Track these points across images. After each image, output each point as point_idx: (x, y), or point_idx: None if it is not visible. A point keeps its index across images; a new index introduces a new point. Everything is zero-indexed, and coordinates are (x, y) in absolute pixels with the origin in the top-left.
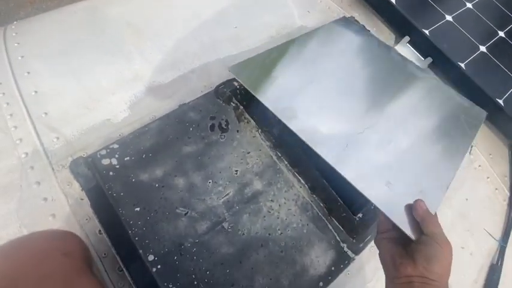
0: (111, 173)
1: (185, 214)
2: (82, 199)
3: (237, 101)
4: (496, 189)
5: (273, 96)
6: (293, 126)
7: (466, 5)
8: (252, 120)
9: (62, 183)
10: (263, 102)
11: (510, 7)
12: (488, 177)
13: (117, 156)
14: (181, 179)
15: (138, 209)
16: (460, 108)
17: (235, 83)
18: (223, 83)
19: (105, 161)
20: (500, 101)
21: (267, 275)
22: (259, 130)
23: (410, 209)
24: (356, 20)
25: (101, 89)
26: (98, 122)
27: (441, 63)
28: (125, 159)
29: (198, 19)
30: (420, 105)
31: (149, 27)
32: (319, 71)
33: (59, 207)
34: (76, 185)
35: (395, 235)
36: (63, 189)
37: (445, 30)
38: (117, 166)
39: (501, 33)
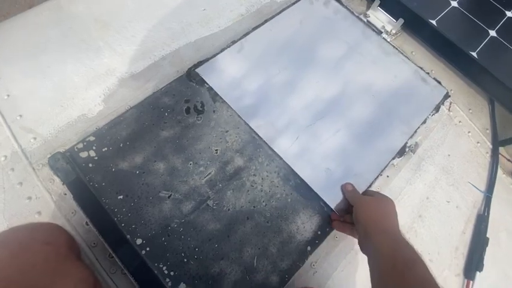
0: (90, 165)
1: (168, 197)
2: (65, 194)
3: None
4: (478, 142)
5: (236, 95)
6: (252, 123)
7: None
8: (224, 101)
9: (44, 180)
10: (228, 102)
11: None
12: (469, 132)
13: (94, 148)
14: (162, 163)
15: (121, 196)
16: (418, 90)
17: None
18: (195, 65)
19: (83, 154)
20: (474, 54)
21: (255, 245)
22: (234, 110)
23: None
24: None
25: (73, 86)
26: (74, 118)
27: (413, 22)
28: (103, 150)
29: (166, 7)
30: (378, 90)
31: (116, 20)
32: (281, 63)
33: (43, 204)
34: (58, 181)
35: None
36: (45, 187)
37: None
38: (96, 158)
39: None
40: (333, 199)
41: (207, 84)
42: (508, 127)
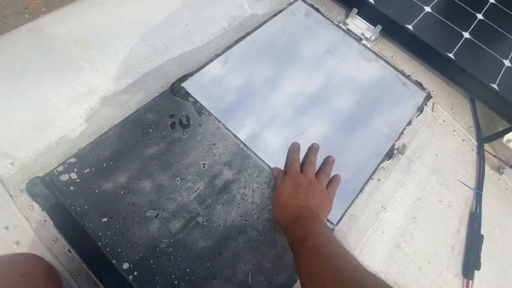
0: (71, 188)
1: (156, 216)
2: (46, 220)
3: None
4: (463, 140)
5: (223, 107)
6: (241, 135)
7: None
8: (211, 114)
9: (23, 208)
10: (215, 115)
11: None
12: (454, 131)
13: (76, 170)
14: (147, 181)
15: (105, 219)
16: (401, 93)
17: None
18: (178, 80)
19: (64, 177)
20: (451, 55)
21: (249, 261)
22: (221, 122)
23: None
24: (305, 2)
25: (53, 107)
26: (54, 140)
27: (390, 28)
28: (85, 171)
29: (147, 24)
30: (362, 95)
31: (97, 39)
32: (267, 73)
33: (22, 233)
34: (38, 207)
35: None
36: (24, 214)
37: None
38: (78, 180)
39: None
40: None
41: (192, 98)
42: (491, 124)
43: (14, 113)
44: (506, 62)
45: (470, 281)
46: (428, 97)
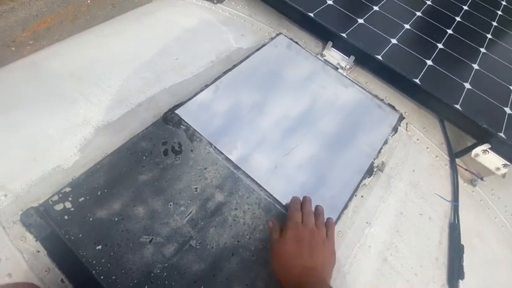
0: (66, 217)
1: (150, 241)
2: (39, 251)
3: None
4: (437, 156)
5: (215, 132)
6: (233, 157)
7: (373, 8)
8: (204, 138)
9: (15, 239)
10: (208, 139)
11: (411, 5)
12: (427, 148)
13: (70, 199)
14: (141, 207)
15: (99, 247)
16: (376, 115)
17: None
18: (170, 109)
19: (58, 206)
20: (417, 80)
21: (242, 281)
22: (213, 146)
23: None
24: (285, 36)
25: (47, 138)
26: (48, 171)
27: (363, 58)
28: (80, 200)
29: (139, 58)
30: (339, 117)
31: (91, 73)
32: (254, 100)
33: (14, 265)
34: (30, 238)
35: None
36: (16, 246)
37: (359, 31)
38: (72, 209)
39: (407, 26)
40: None
41: (184, 125)
42: (460, 140)
43: (7, 145)
44: (467, 85)
45: None
46: (401, 118)
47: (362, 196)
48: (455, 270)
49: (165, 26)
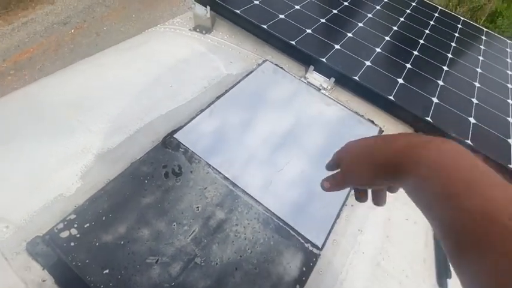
0: (72, 244)
1: (156, 262)
2: (44, 280)
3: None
4: None
5: (213, 153)
6: (230, 175)
7: (347, 35)
8: (202, 159)
9: (19, 270)
10: (206, 160)
11: (380, 31)
12: None
13: (76, 225)
14: (146, 229)
15: (106, 271)
16: (358, 129)
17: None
18: (169, 134)
19: (64, 234)
20: (391, 97)
21: None
22: (211, 166)
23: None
24: (271, 62)
25: (48, 168)
26: (50, 199)
27: (342, 79)
28: (85, 226)
29: (136, 86)
30: (325, 134)
31: (89, 101)
32: (247, 121)
33: None
34: (35, 268)
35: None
36: (21, 276)
37: (337, 55)
38: (78, 235)
39: (378, 49)
40: (312, 233)
41: (183, 148)
42: None
43: (7, 176)
44: (435, 99)
45: None
46: (381, 131)
47: (352, 205)
48: (442, 270)
49: (158, 55)
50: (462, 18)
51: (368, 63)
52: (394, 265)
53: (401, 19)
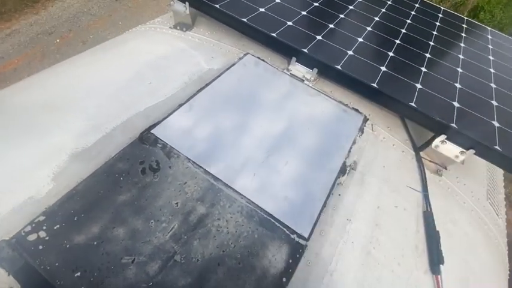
0: (40, 247)
1: (132, 261)
2: (11, 287)
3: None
4: (403, 151)
5: (193, 148)
6: (212, 169)
7: (329, 26)
8: (181, 154)
9: None
10: (186, 155)
11: (362, 22)
12: (393, 144)
13: (44, 228)
14: (121, 228)
15: (78, 274)
16: (342, 118)
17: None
18: (146, 129)
19: (32, 237)
20: (374, 85)
21: None
22: (191, 160)
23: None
24: (252, 55)
25: (17, 170)
26: (20, 202)
27: (325, 69)
28: (55, 228)
29: (114, 84)
30: (309, 124)
31: (65, 102)
32: (228, 114)
33: None
34: (3, 273)
35: None
36: None
37: (319, 46)
38: (47, 238)
39: (360, 39)
40: (298, 224)
41: (161, 143)
42: (422, 135)
43: None
44: (418, 85)
45: (439, 276)
46: (366, 119)
47: (339, 194)
48: (434, 255)
49: (138, 54)
50: (443, 8)
51: (350, 52)
52: (385, 253)
53: (383, 10)
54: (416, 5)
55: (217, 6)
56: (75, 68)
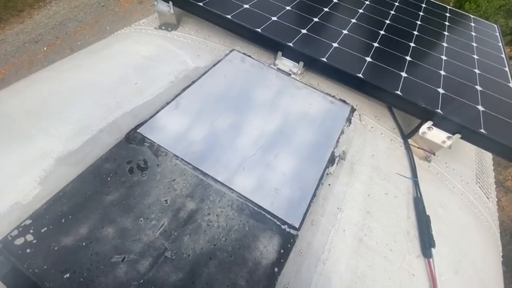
0: (28, 250)
1: (122, 260)
2: None
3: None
4: (391, 140)
5: (181, 145)
6: (201, 166)
7: (313, 20)
8: (169, 152)
9: None
10: (174, 153)
11: (346, 14)
12: (382, 134)
13: (32, 231)
14: (110, 228)
15: (67, 275)
16: (330, 110)
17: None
18: (133, 129)
19: (19, 241)
20: (360, 75)
21: (223, 283)
22: (179, 157)
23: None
24: (238, 52)
25: (4, 176)
26: (6, 208)
27: (310, 62)
28: (42, 231)
29: (99, 87)
30: (297, 117)
31: (49, 107)
32: (216, 110)
33: None
34: None
35: None
36: None
37: (304, 39)
38: (34, 241)
39: (345, 31)
40: (288, 215)
41: (148, 142)
42: (410, 122)
43: None
44: (403, 74)
45: (431, 259)
46: (353, 110)
47: (329, 184)
48: (426, 240)
49: (123, 55)
50: None
51: (335, 44)
52: (377, 240)
53: (367, 2)
54: None
55: (201, 4)
56: (60, 73)
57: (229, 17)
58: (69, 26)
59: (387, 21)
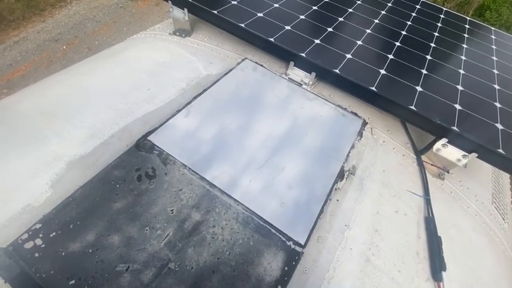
0: (36, 255)
1: (127, 269)
2: None
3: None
4: (403, 155)
5: (189, 154)
6: (208, 176)
7: (327, 30)
8: (178, 160)
9: None
10: (182, 161)
11: (361, 24)
12: (394, 148)
13: (41, 235)
14: (116, 236)
15: (72, 281)
16: (341, 123)
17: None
18: (143, 136)
19: (28, 245)
20: (373, 88)
21: None
22: (187, 167)
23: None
24: (251, 60)
25: (17, 178)
26: (18, 211)
27: (323, 73)
28: (51, 235)
29: (113, 92)
30: (307, 128)
31: (64, 110)
32: (226, 120)
33: None
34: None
35: None
36: None
37: (317, 50)
38: (43, 245)
39: (359, 42)
40: (294, 230)
41: (157, 150)
42: (423, 138)
43: None
44: (418, 88)
45: (441, 283)
46: (365, 123)
47: (337, 200)
48: (436, 262)
49: (137, 60)
50: (444, 9)
51: (349, 55)
52: (385, 260)
53: (383, 12)
54: (417, 6)
55: (216, 12)
56: (75, 76)
57: (242, 25)
58: (88, 26)
59: (403, 32)
